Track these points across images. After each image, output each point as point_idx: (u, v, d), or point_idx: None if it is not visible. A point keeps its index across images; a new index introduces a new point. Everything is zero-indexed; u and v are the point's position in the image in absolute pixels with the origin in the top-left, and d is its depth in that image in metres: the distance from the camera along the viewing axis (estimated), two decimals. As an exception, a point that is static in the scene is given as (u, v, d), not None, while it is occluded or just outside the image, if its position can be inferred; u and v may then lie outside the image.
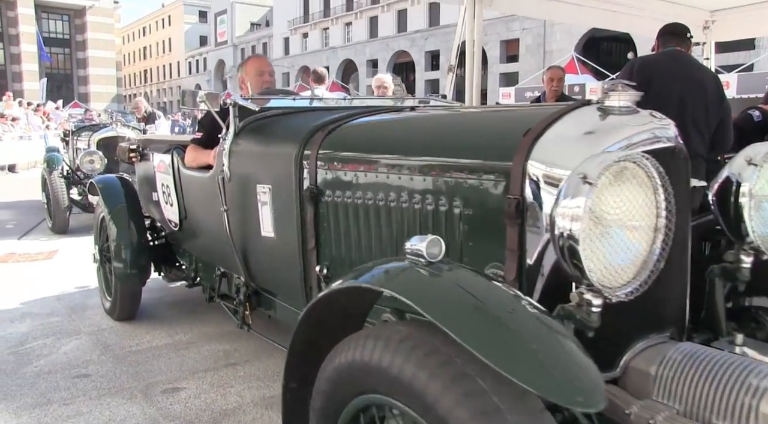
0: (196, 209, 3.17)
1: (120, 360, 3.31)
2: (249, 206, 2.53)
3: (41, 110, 19.28)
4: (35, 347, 3.49)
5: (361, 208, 2.06)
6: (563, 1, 5.47)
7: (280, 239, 2.41)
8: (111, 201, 3.86)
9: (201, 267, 3.40)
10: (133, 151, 3.93)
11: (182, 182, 3.21)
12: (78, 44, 58.59)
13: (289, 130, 2.52)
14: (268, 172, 2.44)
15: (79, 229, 7.11)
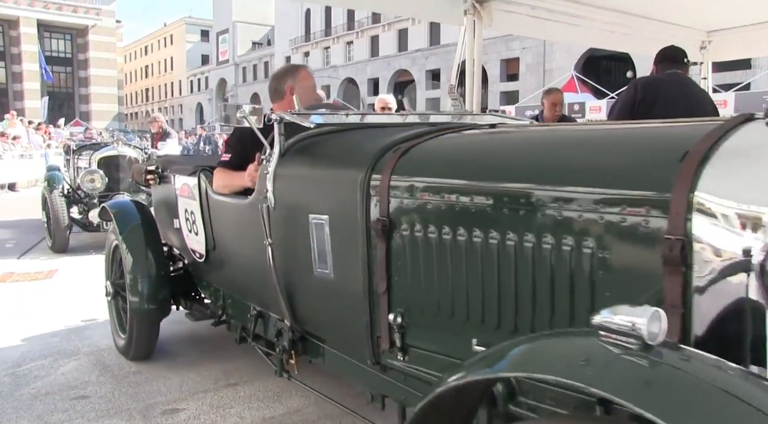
0: (229, 240, 2.85)
1: (119, 381, 3.29)
2: (299, 239, 2.20)
3: (42, 129, 19.34)
4: (33, 368, 3.47)
5: (450, 246, 1.72)
6: (561, 22, 5.51)
7: (339, 278, 2.09)
8: (126, 228, 3.49)
9: (230, 304, 3.02)
10: (152, 173, 3.62)
11: (211, 209, 2.89)
12: (80, 63, 59.02)
13: (349, 150, 2.21)
14: (324, 200, 2.12)
15: (79, 248, 7.11)
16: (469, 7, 4.86)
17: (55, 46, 58.27)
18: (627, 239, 1.35)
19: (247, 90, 60.23)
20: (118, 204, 3.89)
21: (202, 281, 3.37)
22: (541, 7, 5.27)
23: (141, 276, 3.33)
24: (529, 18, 5.32)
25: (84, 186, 7.15)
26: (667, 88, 3.64)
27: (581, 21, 5.59)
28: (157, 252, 3.47)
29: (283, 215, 2.27)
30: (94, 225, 6.95)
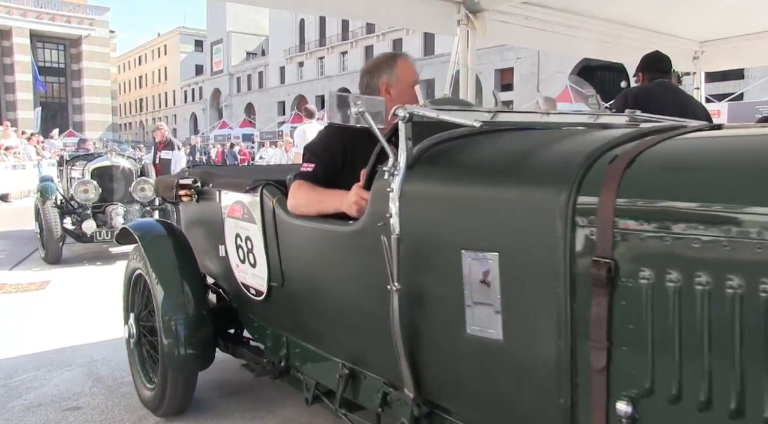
0: (311, 276, 2.24)
1: (112, 392, 3.26)
2: (442, 284, 1.63)
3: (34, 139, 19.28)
4: (25, 379, 3.43)
5: (730, 303, 1.12)
6: (555, 32, 5.55)
7: (515, 344, 1.47)
8: (157, 256, 2.87)
9: (299, 354, 2.38)
10: (185, 188, 3.01)
11: (281, 235, 2.30)
12: (73, 73, 59.03)
13: (524, 159, 1.59)
14: (489, 230, 1.51)
15: (73, 259, 7.09)
16: (463, 17, 4.89)
17: (48, 56, 58.30)
18: None
19: (242, 100, 60.29)
20: (144, 226, 3.26)
21: (253, 322, 2.74)
22: (535, 18, 5.31)
23: (177, 316, 2.71)
24: (523, 28, 5.35)
25: (77, 197, 7.07)
26: (658, 98, 3.67)
27: (575, 31, 5.63)
28: (197, 286, 2.85)
29: (415, 250, 1.66)
30: (88, 236, 6.90)
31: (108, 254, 7.60)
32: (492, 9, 4.96)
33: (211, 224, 2.88)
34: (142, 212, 7.39)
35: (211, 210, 2.87)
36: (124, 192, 7.49)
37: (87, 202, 7.08)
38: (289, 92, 52.95)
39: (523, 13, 5.22)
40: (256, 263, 2.48)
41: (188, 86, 72.32)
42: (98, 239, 7.00)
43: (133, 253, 3.05)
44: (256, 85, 59.46)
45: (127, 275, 3.15)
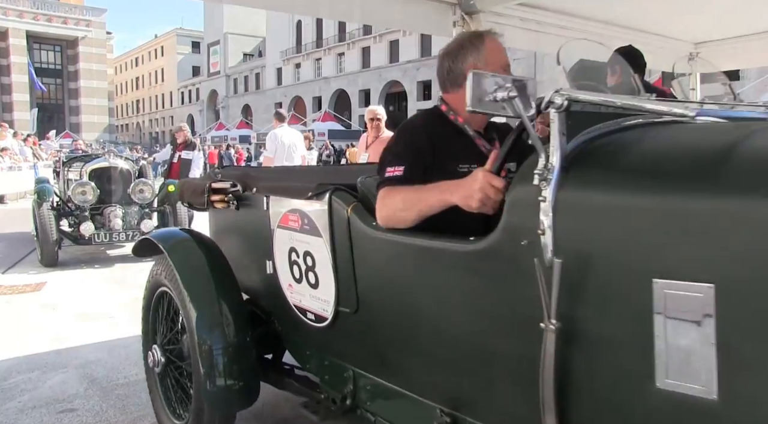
0: (402, 303, 1.79)
1: (107, 394, 3.25)
2: (619, 322, 1.25)
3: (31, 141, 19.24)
4: (19, 381, 3.42)
5: None
6: (551, 33, 5.55)
7: (734, 404, 1.12)
8: (190, 271, 2.47)
9: (369, 392, 2.01)
10: (220, 192, 2.59)
11: (358, 251, 1.89)
12: (70, 74, 58.94)
13: (732, 158, 1.19)
14: (697, 253, 1.14)
15: (70, 261, 7.06)
16: (458, 18, 4.89)
17: (44, 57, 58.22)
18: None
19: (239, 101, 60.26)
20: (171, 236, 2.84)
21: (304, 350, 2.35)
22: (531, 19, 5.32)
23: (216, 342, 2.30)
24: (519, 30, 5.36)
25: (75, 199, 6.99)
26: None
27: (571, 33, 5.63)
28: (238, 307, 2.44)
29: (579, 278, 1.29)
30: (86, 238, 6.84)
31: (106, 256, 7.56)
32: (488, 10, 4.96)
33: (255, 236, 2.48)
34: (140, 213, 7.31)
35: (254, 219, 2.46)
36: (123, 194, 7.40)
37: (85, 203, 7.00)
38: (286, 94, 52.92)
39: (519, 15, 5.23)
40: (319, 283, 2.09)
41: (185, 88, 72.26)
42: (96, 241, 6.94)
43: (156, 268, 2.65)
44: (253, 86, 59.44)
45: (148, 293, 2.76)
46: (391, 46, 43.10)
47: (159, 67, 77.85)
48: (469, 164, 1.72)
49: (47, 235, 6.66)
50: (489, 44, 1.94)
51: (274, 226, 2.30)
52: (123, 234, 6.99)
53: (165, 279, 2.55)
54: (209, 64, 66.11)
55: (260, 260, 2.44)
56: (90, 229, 6.78)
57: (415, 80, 40.30)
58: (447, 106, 1.96)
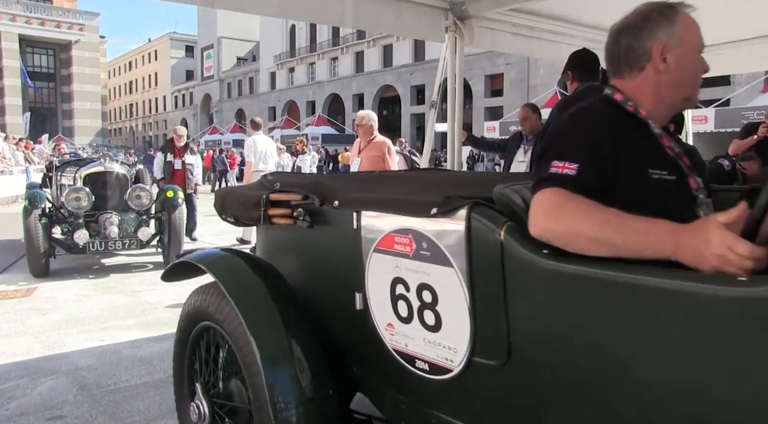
0: (588, 358, 1.30)
1: (97, 400, 3.23)
2: None
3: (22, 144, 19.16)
4: (8, 388, 3.39)
5: None
6: (543, 38, 5.58)
7: None
8: (250, 303, 1.98)
9: None
10: (282, 205, 2.11)
11: (516, 285, 1.42)
12: (63, 78, 58.73)
13: None
14: None
15: (62, 271, 6.75)
16: (451, 24, 4.91)
17: (37, 61, 58.00)
18: None
19: (232, 105, 60.18)
20: (218, 258, 2.28)
21: (398, 402, 1.84)
22: (523, 25, 5.34)
23: (290, 396, 1.82)
24: (511, 35, 5.38)
25: (69, 205, 6.57)
26: None
27: (563, 38, 5.66)
28: (315, 351, 1.94)
29: None
30: (80, 247, 6.51)
31: (101, 265, 7.31)
32: (480, 16, 4.98)
33: (336, 261, 2.02)
34: (137, 221, 7.01)
35: (336, 240, 1.99)
36: (119, 200, 7.07)
37: (79, 210, 6.62)
38: (279, 98, 52.89)
39: (511, 20, 5.25)
40: (441, 325, 1.62)
41: (179, 92, 72.12)
42: (91, 250, 6.61)
43: (196, 298, 2.19)
44: (247, 90, 59.38)
45: (183, 328, 2.30)
46: (385, 50, 43.16)
47: (152, 71, 77.68)
48: (660, 170, 1.42)
49: (35, 245, 6.30)
50: (684, 19, 1.53)
51: (369, 250, 1.80)
52: (119, 242, 6.69)
53: (211, 311, 2.07)
54: (203, 68, 66.02)
55: (343, 292, 1.93)
56: (84, 237, 6.44)
57: (409, 85, 40.36)
58: (622, 94, 1.54)
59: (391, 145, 6.21)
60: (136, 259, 7.53)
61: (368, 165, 6.02)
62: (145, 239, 6.81)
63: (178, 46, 74.12)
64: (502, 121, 28.50)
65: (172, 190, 7.18)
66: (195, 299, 2.21)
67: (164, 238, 7.07)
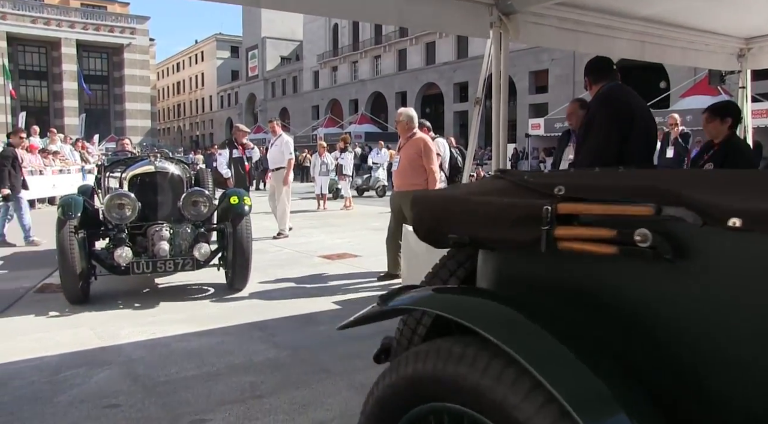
0: None
1: (149, 391, 3.33)
2: None
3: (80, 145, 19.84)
4: (68, 376, 3.53)
5: None
6: (591, 33, 5.48)
7: None
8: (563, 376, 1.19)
9: None
10: (579, 223, 1.38)
11: None
12: (115, 80, 60.55)
13: None
14: None
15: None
16: (495, 20, 4.87)
17: (92, 64, 59.93)
18: None
19: (276, 104, 60.97)
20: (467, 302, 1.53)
21: None
22: (569, 19, 5.26)
23: None
24: (557, 30, 5.31)
25: (109, 214, 5.18)
26: (635, 102, 3.83)
27: (611, 32, 5.55)
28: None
29: None
30: (123, 267, 5.12)
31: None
32: (525, 11, 4.93)
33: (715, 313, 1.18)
34: (194, 234, 5.48)
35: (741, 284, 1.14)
36: (172, 208, 5.59)
37: (122, 221, 5.18)
38: (322, 96, 53.34)
39: (557, 14, 5.18)
40: None
41: (224, 92, 73.42)
42: (136, 272, 5.14)
43: (409, 368, 1.43)
44: (291, 89, 60.06)
45: (383, 418, 1.52)
46: (428, 48, 43.04)
47: (199, 72, 79.29)
48: None
49: (69, 264, 4.97)
50: None
51: None
52: (170, 262, 5.23)
53: (457, 385, 1.30)
54: (248, 68, 67.07)
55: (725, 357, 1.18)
56: (127, 255, 5.04)
57: (452, 82, 40.16)
58: None
59: (429, 141, 6.12)
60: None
61: (406, 163, 6.00)
62: (203, 259, 5.36)
63: (224, 47, 75.44)
64: (547, 117, 28.08)
65: (237, 194, 5.69)
66: (408, 370, 1.43)
67: (228, 255, 5.66)
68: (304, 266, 6.97)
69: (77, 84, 49.26)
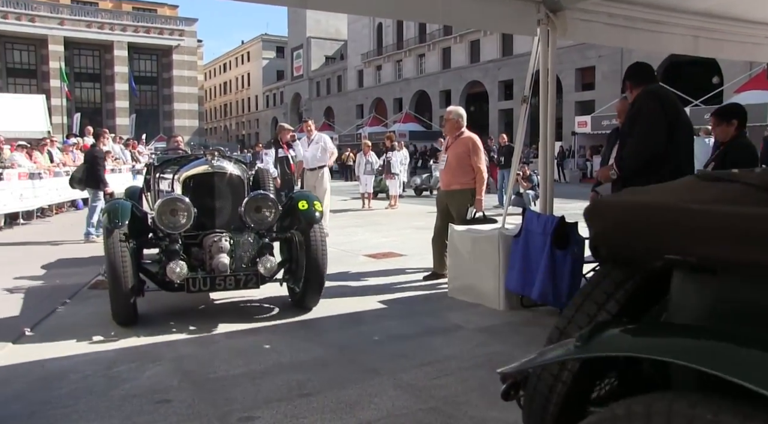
0: None
1: (198, 387, 3.40)
2: None
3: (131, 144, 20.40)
4: (122, 371, 3.64)
5: None
6: (641, 29, 5.35)
7: None
8: None
9: None
10: None
11: None
12: (164, 81, 61.98)
13: None
14: None
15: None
16: (543, 17, 4.80)
17: (142, 66, 61.47)
18: None
19: (321, 104, 61.47)
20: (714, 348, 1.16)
21: None
22: (619, 15, 5.14)
23: None
24: (606, 26, 5.20)
25: (161, 221, 4.46)
26: (678, 102, 4.01)
27: (663, 27, 5.41)
28: None
29: None
30: (176, 284, 4.47)
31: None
32: (573, 7, 4.85)
33: None
34: (257, 245, 4.74)
35: None
36: (232, 214, 4.86)
37: (176, 230, 4.49)
38: (367, 95, 53.52)
39: (607, 10, 5.07)
40: None
41: (270, 91, 74.42)
42: (192, 290, 4.44)
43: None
44: (335, 88, 60.47)
45: None
46: (472, 46, 42.72)
47: (245, 72, 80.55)
48: None
49: (120, 283, 4.30)
50: None
51: None
52: (231, 279, 4.45)
53: None
54: (293, 68, 67.81)
55: None
56: (181, 271, 4.35)
57: (497, 80, 39.76)
58: None
59: (478, 140, 6.06)
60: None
61: (454, 162, 5.95)
62: (269, 274, 4.65)
63: (270, 47, 76.45)
64: (594, 115, 27.53)
65: (306, 199, 4.90)
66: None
67: (296, 269, 4.96)
68: (348, 264, 7.00)
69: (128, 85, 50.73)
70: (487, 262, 4.99)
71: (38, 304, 5.34)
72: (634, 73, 4.19)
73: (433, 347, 4.01)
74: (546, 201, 5.08)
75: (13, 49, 53.91)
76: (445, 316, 4.80)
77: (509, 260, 4.82)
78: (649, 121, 3.60)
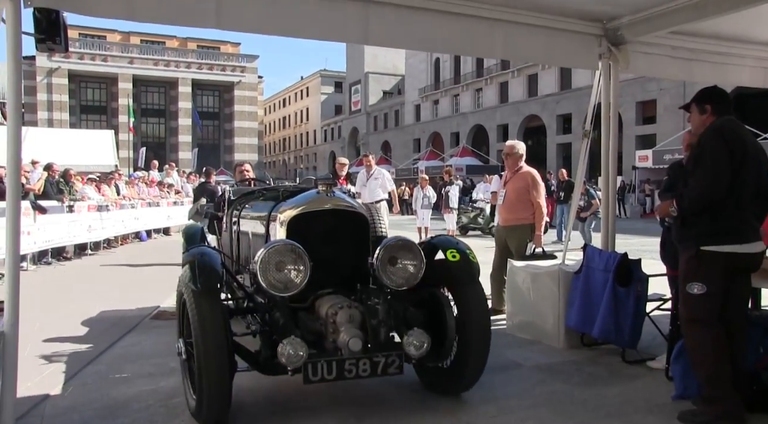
0: None
1: (257, 421, 3.44)
2: None
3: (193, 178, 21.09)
4: (181, 402, 3.67)
5: None
6: (706, 61, 5.23)
7: None
8: None
9: None
10: None
11: None
12: (225, 116, 64.23)
13: None
14: None
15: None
16: (605, 50, 4.77)
17: (205, 102, 63.96)
18: None
19: (378, 138, 62.22)
20: None
21: None
22: (683, 47, 5.05)
23: None
24: (670, 59, 5.12)
25: (266, 280, 3.17)
26: (746, 136, 3.50)
27: (729, 59, 5.28)
28: None
29: None
30: (289, 371, 3.10)
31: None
32: (636, 41, 4.79)
33: None
34: (400, 312, 3.44)
35: None
36: (353, 267, 3.65)
37: (286, 291, 3.22)
38: (424, 129, 53.88)
39: (669, 43, 4.99)
40: None
41: (328, 126, 75.90)
42: (311, 380, 3.08)
43: None
44: (393, 123, 61.17)
45: None
46: (530, 80, 42.60)
47: (304, 107, 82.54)
48: None
49: (212, 365, 3.06)
50: None
51: None
52: (366, 363, 3.13)
53: None
54: (350, 102, 69.09)
55: None
56: (298, 355, 3.05)
57: (555, 114, 39.41)
58: None
59: (537, 175, 5.99)
60: None
61: (513, 197, 5.89)
62: (419, 352, 3.27)
63: (328, 83, 78.25)
64: (655, 149, 26.87)
65: (457, 248, 3.66)
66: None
67: (443, 342, 3.53)
68: (404, 299, 6.95)
69: (191, 120, 52.81)
70: (546, 298, 4.89)
71: (105, 332, 5.52)
72: (713, 100, 3.59)
73: (492, 385, 3.91)
74: (608, 237, 4.95)
75: (87, 88, 57.29)
76: (503, 353, 4.70)
77: (569, 296, 4.71)
78: (712, 166, 3.38)
